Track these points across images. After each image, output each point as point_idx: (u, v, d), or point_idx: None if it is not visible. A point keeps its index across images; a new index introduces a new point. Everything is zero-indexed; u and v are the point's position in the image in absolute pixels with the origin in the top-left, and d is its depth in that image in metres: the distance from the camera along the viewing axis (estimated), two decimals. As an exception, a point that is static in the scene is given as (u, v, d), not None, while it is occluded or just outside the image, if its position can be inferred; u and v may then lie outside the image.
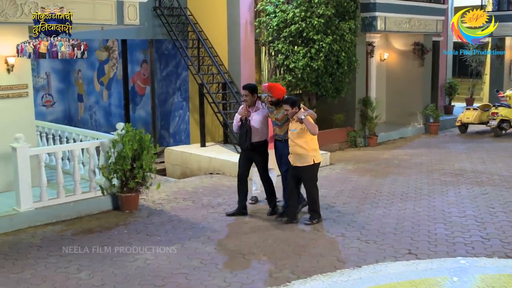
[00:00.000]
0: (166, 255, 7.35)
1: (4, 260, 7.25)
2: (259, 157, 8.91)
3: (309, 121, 8.16)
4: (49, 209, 8.79)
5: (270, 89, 8.59)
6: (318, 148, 8.46)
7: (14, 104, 9.68)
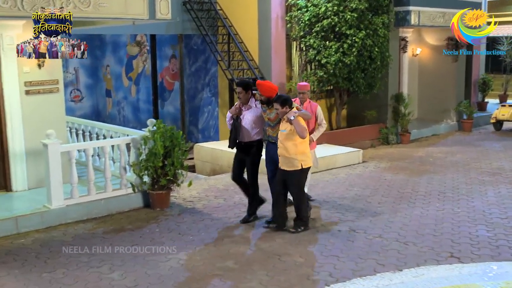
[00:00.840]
0: (199, 255, 7.18)
1: (36, 258, 7.14)
2: (249, 158, 8.33)
3: (299, 123, 7.54)
4: (80, 207, 8.68)
5: (259, 87, 7.99)
6: (308, 152, 7.85)
7: (45, 100, 9.58)
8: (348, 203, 9.42)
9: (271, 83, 8.45)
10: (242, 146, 8.34)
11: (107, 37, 18.90)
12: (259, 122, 8.26)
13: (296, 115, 7.56)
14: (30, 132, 9.46)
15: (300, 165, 7.72)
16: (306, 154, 7.80)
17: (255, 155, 8.37)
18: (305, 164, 7.79)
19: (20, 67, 9.29)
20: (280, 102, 7.67)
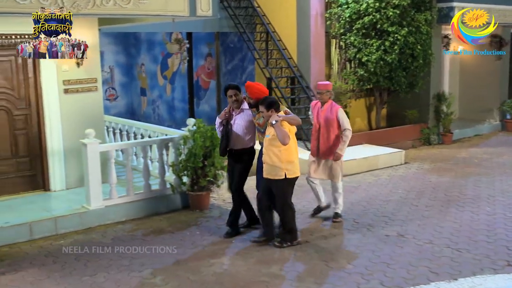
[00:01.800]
0: (243, 260, 6.93)
1: (76, 261, 6.97)
2: (239, 166, 7.73)
3: (280, 128, 6.83)
4: (119, 207, 8.51)
5: (248, 89, 7.42)
6: (294, 161, 7.11)
7: (84, 99, 9.46)
8: (394, 206, 9.08)
9: (262, 85, 7.73)
10: (233, 154, 7.75)
11: (142, 35, 18.80)
12: (251, 127, 7.67)
13: (279, 120, 6.89)
14: (69, 131, 9.34)
15: (284, 174, 7.04)
16: (292, 162, 7.07)
17: (247, 162, 7.76)
18: (290, 174, 7.07)
19: (59, 66, 9.18)
20: (265, 105, 7.00)
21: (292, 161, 7.08)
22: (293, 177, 7.16)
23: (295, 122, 7.15)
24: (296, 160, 7.18)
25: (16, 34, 8.82)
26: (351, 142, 12.72)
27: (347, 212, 8.80)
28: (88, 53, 9.21)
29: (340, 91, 13.06)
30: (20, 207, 8.54)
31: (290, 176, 7.10)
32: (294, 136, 7.14)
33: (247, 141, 7.70)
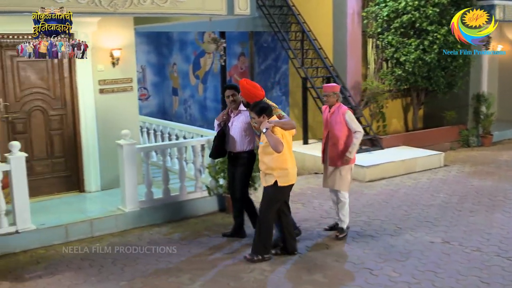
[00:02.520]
0: (283, 266, 6.71)
1: (113, 265, 6.83)
2: (238, 170, 7.36)
3: (271, 135, 6.39)
4: (155, 210, 8.35)
5: (242, 88, 6.97)
6: (288, 168, 6.64)
7: (119, 99, 9.35)
8: (436, 211, 8.77)
9: (258, 86, 7.07)
10: (232, 157, 7.43)
11: (174, 35, 18.70)
12: (250, 129, 7.28)
13: (270, 126, 6.44)
14: (104, 131, 9.24)
15: (275, 181, 6.62)
16: (285, 170, 6.62)
17: (246, 166, 7.36)
18: (282, 182, 6.62)
19: (95, 65, 9.09)
20: (256, 110, 6.54)
21: (285, 169, 6.62)
22: (284, 185, 6.68)
23: (289, 127, 6.70)
24: (291, 168, 6.70)
25: (52, 33, 8.73)
26: (388, 143, 12.59)
27: (389, 216, 8.55)
28: (124, 53, 9.21)
29: (377, 91, 12.78)
30: (56, 208, 8.45)
31: (281, 184, 6.64)
32: (290, 141, 6.73)
33: (245, 144, 7.31)
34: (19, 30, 8.43)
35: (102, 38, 9.06)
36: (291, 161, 6.72)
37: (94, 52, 9.00)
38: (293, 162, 6.78)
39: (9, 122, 8.68)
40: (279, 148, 6.41)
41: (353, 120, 7.53)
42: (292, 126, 6.79)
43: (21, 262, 7.00)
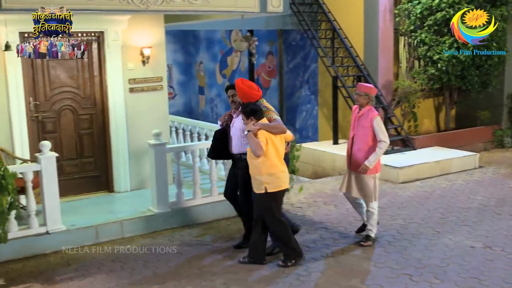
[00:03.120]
0: (319, 270, 6.51)
1: (144, 267, 6.69)
2: (240, 172, 6.93)
3: (252, 138, 6.19)
4: (185, 211, 8.21)
5: (237, 88, 6.65)
6: (276, 173, 6.36)
7: (149, 98, 9.22)
8: (475, 215, 8.49)
9: (254, 86, 6.73)
10: (234, 159, 7.12)
11: (201, 34, 18.58)
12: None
13: (254, 129, 6.21)
14: (133, 131, 9.13)
15: (264, 188, 6.37)
16: (273, 175, 6.35)
17: (246, 170, 6.74)
18: (271, 188, 6.36)
19: (125, 64, 8.97)
20: (245, 112, 6.36)
21: (273, 174, 6.35)
22: (274, 191, 6.40)
23: (277, 131, 6.39)
24: (280, 173, 6.42)
25: (83, 31, 8.65)
26: (420, 144, 12.29)
27: (425, 219, 8.29)
28: (154, 51, 9.09)
29: (409, 91, 12.50)
30: (85, 209, 8.36)
31: (270, 190, 6.38)
32: (280, 146, 6.45)
33: (244, 145, 6.86)
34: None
35: (132, 36, 8.93)
36: (280, 166, 6.44)
37: (124, 50, 8.90)
38: (282, 167, 6.48)
39: (39, 122, 8.60)
40: (258, 152, 6.21)
41: (381, 127, 7.08)
42: (282, 130, 6.46)
43: (51, 264, 6.90)
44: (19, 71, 8.21)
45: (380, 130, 7.06)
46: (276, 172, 6.38)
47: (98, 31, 8.75)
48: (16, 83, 8.22)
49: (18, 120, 8.29)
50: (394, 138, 12.14)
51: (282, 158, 6.52)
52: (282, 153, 6.50)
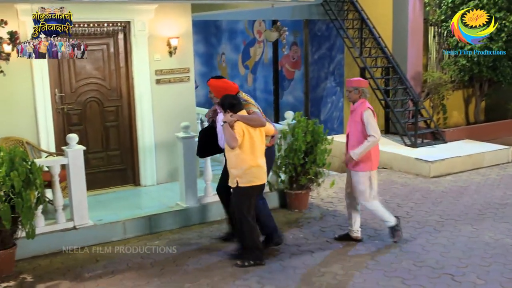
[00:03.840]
0: (356, 269, 6.25)
1: (175, 265, 6.48)
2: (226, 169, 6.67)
3: (227, 129, 6.03)
4: (214, 206, 7.97)
5: (210, 87, 6.61)
6: (250, 168, 6.14)
7: (176, 90, 9.01)
8: (513, 211, 8.20)
9: (227, 82, 6.66)
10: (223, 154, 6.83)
11: (223, 24, 18.32)
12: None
13: (231, 120, 6.06)
14: (160, 124, 8.93)
15: (236, 182, 6.22)
16: (245, 170, 6.15)
17: None
18: (242, 183, 6.18)
19: (151, 55, 8.76)
20: (223, 105, 6.20)
21: (246, 168, 6.15)
22: (246, 186, 6.19)
23: (255, 124, 6.17)
24: (254, 167, 6.18)
25: (109, 21, 8.45)
26: (450, 137, 11.97)
27: (462, 216, 8.00)
28: (181, 42, 8.88)
29: (439, 82, 12.17)
30: (112, 203, 8.18)
31: (241, 185, 6.19)
32: (257, 139, 6.21)
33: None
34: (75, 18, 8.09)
35: (159, 26, 8.71)
36: (255, 161, 6.19)
37: (151, 41, 8.69)
38: (258, 162, 6.22)
39: (65, 114, 8.42)
40: (231, 143, 6.04)
41: (370, 121, 6.63)
42: (260, 123, 6.22)
43: (79, 260, 6.71)
44: (44, 62, 8.02)
45: (370, 123, 6.62)
46: (250, 167, 6.17)
47: (124, 21, 8.55)
48: (42, 75, 8.04)
49: (44, 113, 8.12)
50: (424, 131, 11.87)
51: (262, 153, 6.30)
52: (260, 148, 6.28)
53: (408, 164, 10.60)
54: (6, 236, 6.27)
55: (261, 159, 6.28)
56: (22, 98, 7.95)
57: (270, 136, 6.61)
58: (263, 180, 6.33)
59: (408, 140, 11.46)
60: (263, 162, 6.32)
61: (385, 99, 11.90)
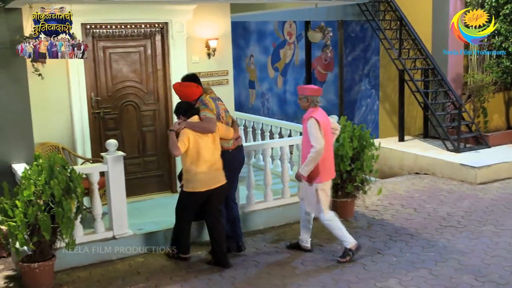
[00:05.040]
0: (415, 283, 5.88)
1: (220, 277, 6.16)
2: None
3: (171, 137, 6.11)
4: (257, 214, 7.65)
5: (176, 91, 6.68)
6: (192, 174, 6.19)
7: (215, 93, 8.64)
8: None
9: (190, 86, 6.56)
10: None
11: (252, 26, 17.99)
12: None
13: (177, 128, 6.15)
14: (198, 128, 8.57)
15: (182, 185, 6.43)
16: (190, 175, 6.21)
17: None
18: (186, 187, 6.28)
19: (189, 57, 8.46)
20: (176, 111, 6.38)
21: (190, 174, 6.20)
22: (189, 191, 6.27)
23: (200, 130, 6.16)
24: (199, 174, 6.18)
25: (146, 22, 8.15)
26: (494, 141, 11.51)
27: None
28: (220, 43, 8.62)
29: (482, 85, 11.71)
30: (150, 211, 7.88)
31: (186, 190, 6.31)
32: (204, 145, 6.17)
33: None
34: (112, 19, 7.88)
35: (197, 27, 8.42)
36: (200, 167, 6.17)
37: (189, 42, 8.40)
38: (204, 168, 6.18)
39: (101, 118, 8.13)
40: (174, 151, 6.13)
41: (311, 131, 6.30)
42: (204, 129, 6.18)
43: (120, 271, 6.42)
44: (81, 65, 7.75)
45: (311, 133, 6.30)
46: (193, 173, 6.19)
47: (162, 22, 8.25)
48: (78, 78, 7.77)
49: (80, 117, 7.84)
50: (466, 135, 11.43)
51: (212, 158, 6.25)
52: (212, 153, 6.24)
53: (452, 170, 10.16)
54: (45, 247, 5.99)
55: (211, 164, 6.24)
56: (58, 102, 7.68)
57: (231, 139, 6.54)
58: (211, 186, 6.27)
59: (451, 144, 11.03)
60: (215, 167, 6.28)
61: (426, 102, 11.47)
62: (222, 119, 6.51)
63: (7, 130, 6.87)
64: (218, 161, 6.32)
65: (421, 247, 6.88)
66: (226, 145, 6.53)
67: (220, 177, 6.35)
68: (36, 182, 5.84)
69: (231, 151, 6.58)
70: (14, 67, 6.76)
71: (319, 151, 6.26)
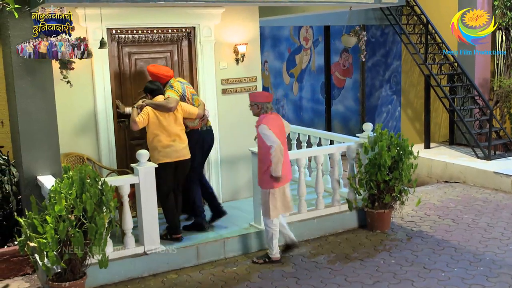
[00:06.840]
0: (470, 303, 5.53)
1: (263, 297, 5.81)
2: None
3: (132, 112, 6.69)
4: (291, 227, 7.25)
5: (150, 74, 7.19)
6: (156, 147, 6.70)
7: (243, 101, 8.26)
8: None
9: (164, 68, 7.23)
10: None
11: (266, 31, 17.65)
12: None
13: (139, 105, 6.72)
14: (226, 137, 8.29)
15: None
16: (154, 149, 6.73)
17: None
18: (154, 160, 6.67)
19: (217, 63, 8.13)
20: (144, 90, 7.02)
21: (153, 147, 6.75)
22: (157, 164, 6.60)
23: (160, 109, 6.70)
24: (160, 147, 6.70)
25: (173, 27, 7.84)
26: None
27: None
28: (249, 48, 8.32)
29: (510, 90, 11.39)
30: (179, 224, 7.51)
31: (154, 164, 6.59)
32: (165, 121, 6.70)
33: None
34: (138, 24, 7.56)
35: (226, 32, 8.08)
36: (161, 142, 6.69)
37: (218, 47, 8.07)
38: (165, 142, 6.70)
39: (126, 127, 7.79)
40: (132, 127, 6.65)
41: (265, 133, 6.35)
42: (164, 108, 6.69)
43: (152, 289, 6.08)
44: (106, 71, 7.42)
45: (265, 135, 6.37)
46: (157, 147, 6.70)
47: (189, 26, 7.93)
48: (104, 85, 7.43)
49: (106, 126, 7.50)
50: (496, 142, 11.08)
51: (174, 134, 6.72)
52: (172, 129, 6.72)
53: (485, 178, 9.82)
54: (76, 265, 5.66)
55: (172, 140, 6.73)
56: (83, 110, 7.34)
57: (195, 118, 7.00)
58: (174, 158, 6.75)
59: (481, 152, 10.68)
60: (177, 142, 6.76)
61: (454, 108, 11.13)
62: (187, 100, 6.98)
63: (33, 140, 6.50)
64: (180, 137, 6.78)
65: (468, 261, 6.52)
66: (191, 124, 7.06)
67: (183, 152, 6.80)
68: (67, 196, 5.51)
69: (198, 130, 7.11)
70: (40, 74, 6.42)
71: (277, 147, 6.33)
